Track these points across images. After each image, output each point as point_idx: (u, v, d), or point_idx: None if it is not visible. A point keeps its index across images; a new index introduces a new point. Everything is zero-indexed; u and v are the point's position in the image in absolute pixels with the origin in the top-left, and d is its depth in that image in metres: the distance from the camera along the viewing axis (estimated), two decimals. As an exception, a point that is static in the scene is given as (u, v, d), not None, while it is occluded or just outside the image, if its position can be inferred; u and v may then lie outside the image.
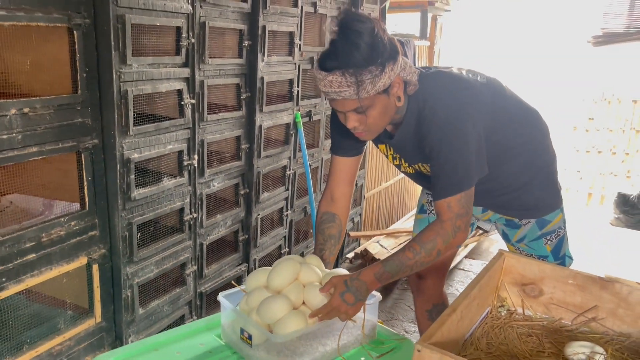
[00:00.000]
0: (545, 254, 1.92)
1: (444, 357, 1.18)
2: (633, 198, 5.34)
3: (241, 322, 1.49)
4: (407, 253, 1.56)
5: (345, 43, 1.46)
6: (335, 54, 1.47)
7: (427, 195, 2.09)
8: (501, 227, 1.98)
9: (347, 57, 1.45)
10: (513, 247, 1.98)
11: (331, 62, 1.48)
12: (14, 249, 1.65)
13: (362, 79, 1.46)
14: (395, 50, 1.51)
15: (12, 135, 1.58)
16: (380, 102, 1.53)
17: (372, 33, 1.46)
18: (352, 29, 1.45)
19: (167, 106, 2.13)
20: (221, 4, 2.27)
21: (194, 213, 2.33)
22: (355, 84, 1.47)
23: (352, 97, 1.49)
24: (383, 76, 1.48)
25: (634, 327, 1.53)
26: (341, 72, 1.46)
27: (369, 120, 1.55)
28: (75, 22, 1.69)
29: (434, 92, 1.60)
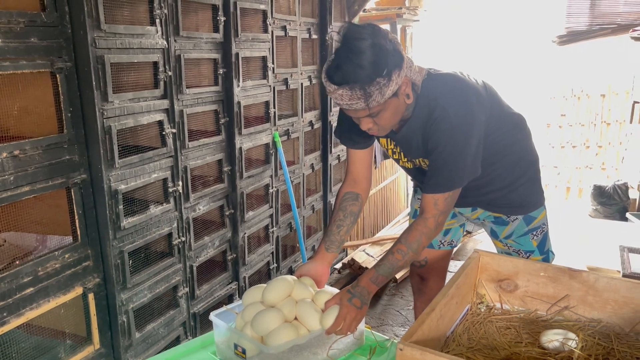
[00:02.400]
0: (531, 249, 2.02)
1: (424, 354, 1.26)
2: (609, 189, 5.48)
3: (234, 338, 1.55)
4: (397, 255, 1.67)
5: (350, 60, 1.49)
6: (342, 69, 1.50)
7: (419, 200, 2.15)
8: (489, 225, 2.06)
9: (353, 74, 1.49)
10: (501, 244, 2.06)
11: (339, 76, 1.51)
12: (12, 285, 1.71)
13: (370, 91, 1.50)
14: (400, 57, 1.54)
15: (5, 177, 1.65)
16: (390, 105, 1.58)
17: (375, 48, 1.49)
18: (355, 47, 1.49)
19: (149, 137, 2.21)
20: (194, 37, 2.37)
21: (182, 237, 2.40)
22: (364, 97, 1.51)
23: (364, 108, 1.54)
24: (390, 84, 1.52)
25: (603, 313, 1.62)
26: (349, 86, 1.50)
27: (381, 122, 1.62)
28: (57, 66, 1.77)
29: (445, 93, 1.67)
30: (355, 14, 4.08)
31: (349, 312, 1.58)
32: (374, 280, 1.66)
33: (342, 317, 1.57)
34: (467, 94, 1.68)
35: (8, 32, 1.62)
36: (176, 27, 2.24)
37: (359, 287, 1.64)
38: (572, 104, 6.39)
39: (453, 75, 1.75)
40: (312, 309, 1.58)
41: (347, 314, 1.58)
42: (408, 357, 1.27)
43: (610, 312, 1.61)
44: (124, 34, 1.98)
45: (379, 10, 5.35)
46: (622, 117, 6.17)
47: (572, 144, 6.44)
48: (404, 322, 3.40)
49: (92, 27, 1.84)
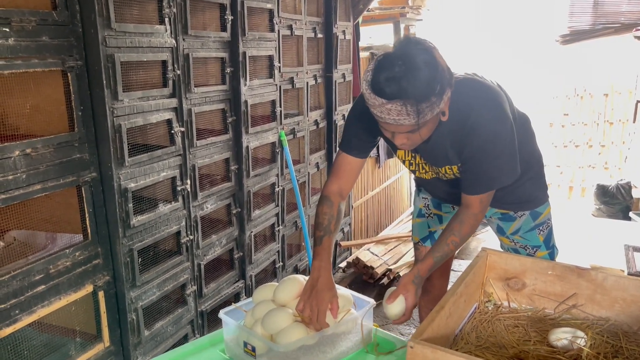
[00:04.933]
0: (538, 244, 2.04)
1: (435, 351, 1.27)
2: (612, 188, 5.48)
3: (244, 336, 1.55)
4: (451, 246, 1.76)
5: (409, 73, 1.44)
6: (397, 83, 1.44)
7: (424, 199, 2.18)
8: (496, 222, 2.09)
9: (411, 89, 1.44)
10: (508, 240, 2.08)
11: (391, 89, 1.45)
12: (24, 282, 1.72)
13: (422, 108, 1.47)
14: (451, 75, 1.52)
15: (17, 175, 1.66)
16: (432, 121, 1.57)
17: (431, 65, 1.46)
18: (415, 60, 1.45)
19: (158, 136, 2.22)
20: (202, 36, 2.38)
21: (190, 235, 2.41)
22: (415, 113, 1.47)
23: (411, 125, 1.51)
24: (441, 103, 1.50)
25: (611, 311, 1.63)
26: (402, 102, 1.45)
27: (417, 139, 1.60)
28: (68, 64, 1.78)
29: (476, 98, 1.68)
30: (360, 13, 4.09)
31: (414, 302, 1.70)
32: (431, 269, 1.75)
33: (410, 309, 1.68)
34: (496, 97, 1.70)
35: (20, 30, 1.63)
36: (184, 26, 2.25)
37: (420, 277, 1.72)
38: (575, 103, 6.40)
39: (476, 80, 1.75)
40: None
41: (413, 304, 1.69)
42: (419, 354, 1.28)
43: (618, 310, 1.62)
44: (134, 33, 1.99)
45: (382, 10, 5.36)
46: (625, 116, 6.18)
47: (575, 143, 6.44)
48: (409, 321, 3.40)
49: (103, 26, 1.85)
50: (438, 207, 2.17)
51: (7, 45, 1.60)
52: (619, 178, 5.68)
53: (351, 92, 3.99)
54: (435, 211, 2.18)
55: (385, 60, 1.49)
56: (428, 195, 2.17)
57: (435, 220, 2.19)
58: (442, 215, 2.17)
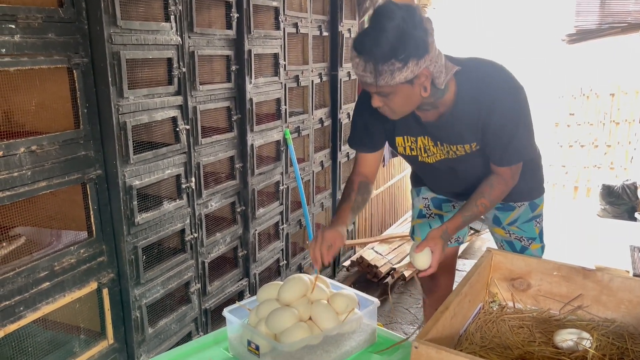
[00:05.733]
0: (534, 236, 2.08)
1: (440, 351, 1.26)
2: (617, 189, 5.46)
3: (248, 334, 1.55)
4: (480, 208, 1.82)
5: (372, 34, 1.53)
6: (367, 39, 1.54)
7: (424, 200, 2.19)
8: (493, 212, 2.10)
9: (371, 47, 1.52)
10: (503, 231, 2.10)
11: (361, 45, 1.55)
12: (29, 279, 1.73)
13: (381, 69, 1.54)
14: (424, 48, 1.54)
15: (22, 172, 1.67)
16: (402, 91, 1.60)
17: (398, 30, 1.50)
18: (380, 23, 1.52)
19: (163, 133, 2.22)
20: (208, 33, 2.38)
21: (195, 233, 2.41)
22: (376, 73, 1.55)
23: (372, 84, 1.59)
24: (405, 70, 1.54)
25: (617, 312, 1.62)
26: (366, 58, 1.54)
27: (391, 105, 1.66)
28: (74, 62, 1.78)
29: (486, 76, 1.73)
30: (366, 11, 4.08)
31: (441, 256, 1.75)
32: (459, 227, 1.81)
33: (437, 261, 1.73)
34: (505, 69, 1.77)
35: (26, 27, 1.63)
36: (190, 24, 2.25)
37: (447, 233, 1.78)
38: (581, 103, 6.37)
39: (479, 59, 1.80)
40: (327, 310, 1.59)
41: (440, 258, 1.74)
42: (423, 355, 1.28)
43: (624, 311, 1.61)
44: (140, 30, 1.99)
45: (388, 8, 5.34)
46: (632, 116, 6.15)
47: (580, 143, 6.41)
48: (412, 320, 3.40)
49: (109, 23, 1.85)
50: (439, 207, 2.18)
51: (13, 42, 1.60)
52: (624, 178, 5.66)
53: (356, 90, 3.98)
54: (436, 211, 2.19)
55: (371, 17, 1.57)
56: (428, 194, 2.17)
57: (436, 220, 2.19)
58: (443, 214, 2.18)
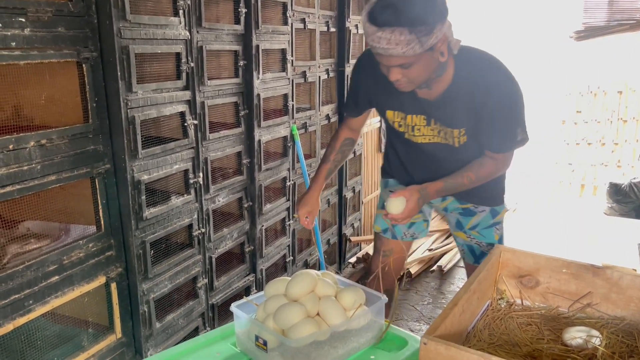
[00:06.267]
0: (493, 242, 2.13)
1: (449, 348, 1.26)
2: (625, 187, 5.43)
3: (256, 330, 1.55)
4: (465, 180, 1.86)
5: (396, 3, 1.48)
6: (389, 10, 1.49)
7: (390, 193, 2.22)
8: (456, 217, 2.16)
9: (400, 15, 1.48)
10: (465, 235, 2.16)
11: (383, 17, 1.49)
12: (38, 273, 1.73)
13: (412, 38, 1.50)
14: (446, 10, 1.55)
15: (32, 165, 1.67)
16: (425, 58, 1.59)
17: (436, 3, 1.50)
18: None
19: (171, 128, 2.22)
20: (216, 28, 2.37)
21: (202, 228, 2.42)
22: (404, 43, 1.51)
23: (400, 55, 1.55)
24: (432, 36, 1.53)
25: (627, 310, 1.61)
26: (392, 29, 1.49)
27: (412, 75, 1.64)
28: (83, 56, 1.78)
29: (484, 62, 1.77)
30: (373, 7, 4.06)
31: (413, 209, 1.80)
32: (439, 191, 1.86)
33: (408, 211, 1.79)
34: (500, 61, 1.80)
35: (36, 21, 1.64)
36: (199, 18, 2.25)
37: (427, 192, 1.83)
38: (588, 100, 6.33)
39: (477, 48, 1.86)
40: (335, 306, 1.58)
41: (412, 210, 1.80)
42: (432, 351, 1.28)
43: (634, 309, 1.60)
44: (148, 25, 1.99)
45: (395, 4, 5.32)
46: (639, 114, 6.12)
47: (587, 141, 6.38)
48: (418, 317, 3.40)
49: (118, 17, 1.85)
50: None
51: (23, 35, 1.60)
52: (632, 176, 5.62)
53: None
54: None
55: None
56: (395, 188, 2.21)
57: None
58: None
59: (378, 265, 2.30)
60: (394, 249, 2.28)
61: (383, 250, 2.29)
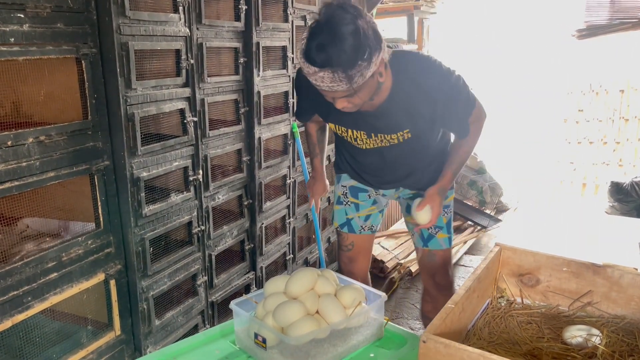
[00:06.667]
0: (441, 225, 2.22)
1: (448, 346, 1.26)
2: (626, 186, 5.42)
3: (255, 327, 1.55)
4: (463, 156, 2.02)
5: (333, 44, 1.52)
6: (324, 52, 1.53)
7: (343, 187, 2.32)
8: (406, 202, 2.28)
9: (336, 57, 1.52)
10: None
11: (321, 58, 1.54)
12: (37, 269, 1.73)
13: (352, 74, 1.55)
14: (380, 39, 1.60)
15: (31, 162, 1.66)
16: (368, 84, 1.65)
17: (357, 33, 1.53)
18: (338, 31, 1.52)
19: (171, 125, 2.21)
20: (216, 25, 2.36)
21: (202, 225, 2.41)
22: (346, 80, 1.56)
23: (343, 90, 1.60)
24: (371, 67, 1.58)
25: (627, 309, 1.61)
26: (331, 70, 1.54)
27: (357, 101, 1.70)
28: (83, 52, 1.77)
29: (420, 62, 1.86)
30: (374, 5, 4.06)
31: (439, 211, 1.96)
32: (451, 180, 2.02)
33: (435, 216, 1.94)
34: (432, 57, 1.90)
35: (35, 17, 1.63)
36: (199, 15, 2.24)
37: (443, 189, 1.98)
38: (590, 99, 6.32)
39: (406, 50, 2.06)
40: (335, 304, 1.58)
41: (438, 213, 1.95)
42: (432, 349, 1.28)
43: (634, 308, 1.60)
44: (148, 21, 1.98)
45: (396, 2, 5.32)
46: (641, 113, 6.11)
47: (589, 139, 6.37)
48: (418, 316, 3.39)
49: (117, 14, 1.84)
50: (355, 195, 2.30)
51: (22, 31, 1.59)
52: (633, 175, 5.61)
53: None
54: (352, 199, 2.31)
55: (315, 28, 1.57)
56: (347, 182, 2.31)
57: (352, 208, 2.31)
58: (358, 203, 2.31)
59: (345, 261, 2.40)
60: (355, 242, 2.35)
61: (345, 245, 2.37)
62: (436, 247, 2.23)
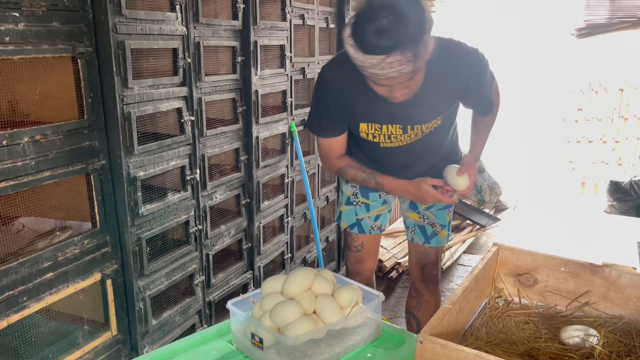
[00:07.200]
0: (445, 223, 2.23)
1: (445, 346, 1.25)
2: (625, 185, 5.42)
3: (252, 327, 1.55)
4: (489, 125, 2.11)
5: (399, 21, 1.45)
6: (391, 35, 1.45)
7: (353, 188, 2.28)
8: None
9: (406, 35, 1.46)
10: (418, 215, 2.25)
11: (386, 43, 1.46)
12: (32, 269, 1.72)
13: (419, 51, 1.50)
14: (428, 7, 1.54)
15: (26, 161, 1.66)
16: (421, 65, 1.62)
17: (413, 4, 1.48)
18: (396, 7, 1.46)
19: (168, 124, 2.21)
20: (214, 24, 2.36)
21: (199, 225, 2.41)
22: (414, 58, 1.50)
23: (411, 70, 1.54)
24: (429, 43, 1.54)
25: (625, 309, 1.61)
26: (401, 51, 1.47)
27: (413, 85, 1.68)
28: (79, 51, 1.77)
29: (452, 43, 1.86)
30: (373, 3, 4.04)
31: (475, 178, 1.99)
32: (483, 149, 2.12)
33: (472, 183, 1.96)
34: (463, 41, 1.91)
35: (30, 15, 1.62)
36: (196, 14, 2.23)
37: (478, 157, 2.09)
38: (590, 98, 6.32)
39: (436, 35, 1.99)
40: (332, 304, 1.58)
41: (474, 181, 1.98)
42: (428, 350, 1.27)
43: (632, 308, 1.60)
44: (145, 20, 1.97)
45: (395, 1, 5.30)
46: (641, 112, 6.11)
47: (588, 138, 6.37)
48: (416, 315, 3.38)
49: (113, 12, 1.84)
50: (366, 195, 2.26)
51: (17, 30, 1.58)
52: (632, 175, 5.61)
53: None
54: (363, 199, 2.27)
55: (364, 17, 1.48)
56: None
57: (362, 208, 2.28)
58: (369, 203, 2.27)
59: (352, 261, 2.37)
60: (365, 243, 2.32)
61: (354, 245, 2.34)
62: (437, 244, 2.26)
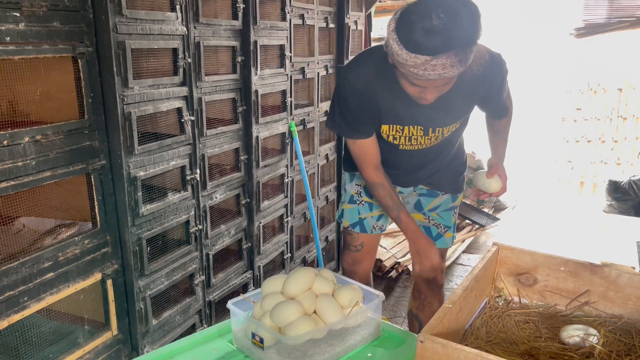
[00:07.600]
0: (450, 225, 2.21)
1: (445, 346, 1.26)
2: (624, 185, 5.43)
3: (252, 327, 1.55)
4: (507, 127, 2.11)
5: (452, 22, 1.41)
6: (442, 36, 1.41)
7: (357, 186, 2.26)
8: (417, 197, 2.23)
9: (457, 37, 1.43)
10: (423, 216, 2.22)
11: (435, 44, 1.42)
12: (33, 269, 1.72)
13: (466, 57, 1.48)
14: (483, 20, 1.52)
15: (27, 161, 1.66)
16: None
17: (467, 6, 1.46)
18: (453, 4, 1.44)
19: (168, 124, 2.21)
20: (214, 24, 2.36)
21: (199, 225, 2.41)
22: (459, 62, 1.48)
23: (452, 75, 1.53)
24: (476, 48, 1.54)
25: (624, 309, 1.61)
26: (447, 54, 1.44)
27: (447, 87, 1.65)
28: (79, 51, 1.77)
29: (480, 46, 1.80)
30: (372, 3, 4.05)
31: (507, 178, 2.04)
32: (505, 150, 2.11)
33: (505, 184, 2.02)
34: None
35: (31, 15, 1.62)
36: (196, 14, 2.23)
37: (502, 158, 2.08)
38: (588, 97, 6.33)
39: None
40: (332, 303, 1.58)
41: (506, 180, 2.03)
42: (429, 349, 1.27)
43: (631, 308, 1.60)
44: (145, 20, 1.98)
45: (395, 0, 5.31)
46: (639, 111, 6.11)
47: (587, 138, 6.37)
48: (416, 314, 3.39)
49: (114, 12, 1.84)
50: (370, 195, 2.22)
51: (18, 30, 1.59)
52: (631, 174, 5.62)
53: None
54: (367, 199, 2.25)
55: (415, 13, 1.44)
56: (361, 181, 2.21)
57: (365, 207, 2.26)
58: (372, 203, 2.25)
59: (349, 261, 2.35)
60: (365, 243, 2.30)
61: (354, 245, 2.31)
62: (442, 245, 2.24)
